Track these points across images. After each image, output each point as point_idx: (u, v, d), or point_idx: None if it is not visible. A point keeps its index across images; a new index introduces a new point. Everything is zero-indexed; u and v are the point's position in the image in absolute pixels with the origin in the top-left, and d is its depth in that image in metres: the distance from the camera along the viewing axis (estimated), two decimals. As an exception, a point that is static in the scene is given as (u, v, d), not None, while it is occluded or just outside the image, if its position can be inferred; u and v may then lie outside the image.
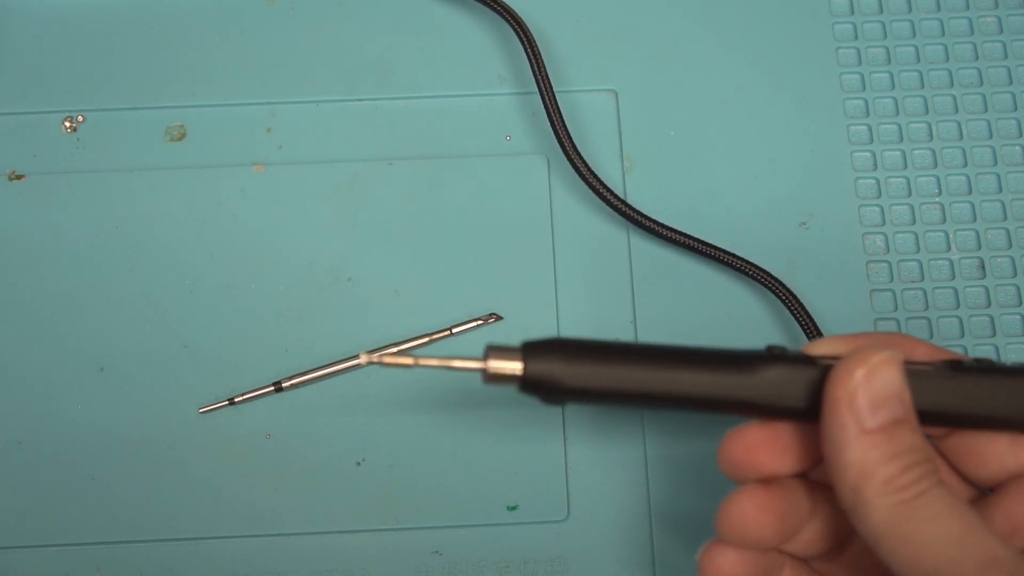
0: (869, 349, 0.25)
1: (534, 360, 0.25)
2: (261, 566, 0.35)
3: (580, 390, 0.25)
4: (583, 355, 0.25)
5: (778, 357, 0.26)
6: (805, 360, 0.26)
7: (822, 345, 0.27)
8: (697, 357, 0.26)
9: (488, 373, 0.25)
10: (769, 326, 0.37)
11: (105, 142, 0.39)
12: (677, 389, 0.25)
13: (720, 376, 0.25)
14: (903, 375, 0.25)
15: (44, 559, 0.35)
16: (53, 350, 0.37)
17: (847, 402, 0.24)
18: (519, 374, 0.25)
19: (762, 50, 0.41)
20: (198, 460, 0.36)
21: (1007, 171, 0.39)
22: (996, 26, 0.41)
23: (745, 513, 0.26)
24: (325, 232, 0.38)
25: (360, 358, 0.26)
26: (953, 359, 0.26)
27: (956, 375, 0.26)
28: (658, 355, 0.26)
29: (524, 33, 0.38)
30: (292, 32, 0.41)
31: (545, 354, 0.25)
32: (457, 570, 0.35)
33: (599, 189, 0.37)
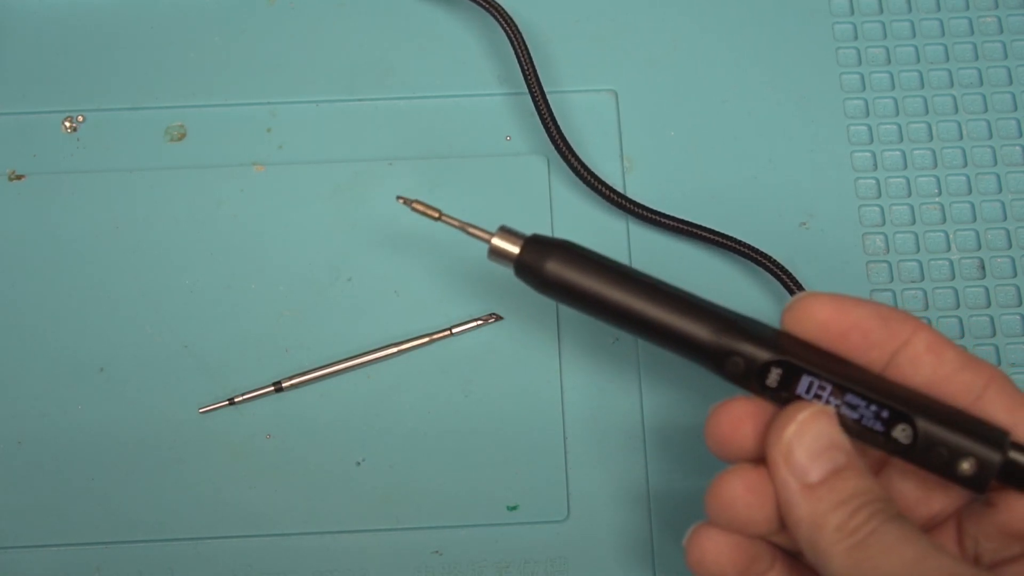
0: (796, 406, 0.26)
1: (530, 249, 0.28)
2: (261, 566, 0.35)
3: (562, 289, 0.28)
4: (575, 259, 0.28)
5: (746, 332, 0.27)
6: (769, 343, 0.27)
7: (811, 305, 0.27)
8: (677, 300, 0.27)
9: (491, 245, 0.29)
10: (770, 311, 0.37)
11: (105, 142, 0.39)
12: (642, 316, 0.27)
13: (689, 324, 0.27)
14: (835, 424, 0.25)
15: (44, 559, 0.35)
16: (53, 350, 0.37)
17: (783, 461, 0.25)
18: (514, 256, 0.28)
19: (762, 50, 0.41)
20: (198, 460, 0.36)
21: (1007, 171, 0.39)
22: (996, 26, 0.41)
23: (735, 493, 0.26)
24: (325, 232, 0.38)
25: (398, 199, 0.31)
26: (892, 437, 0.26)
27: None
28: (639, 286, 0.27)
29: (513, 32, 0.38)
30: (292, 32, 0.41)
31: (543, 247, 0.28)
32: (457, 570, 0.35)
33: (593, 183, 0.37)
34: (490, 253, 0.29)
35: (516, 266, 0.28)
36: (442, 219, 0.30)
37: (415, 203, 0.30)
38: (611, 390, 0.37)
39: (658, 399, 0.36)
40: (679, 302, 0.27)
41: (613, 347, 0.37)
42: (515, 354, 0.37)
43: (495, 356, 0.37)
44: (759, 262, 0.37)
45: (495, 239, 0.28)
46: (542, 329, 0.37)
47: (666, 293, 0.27)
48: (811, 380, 0.26)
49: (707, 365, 0.27)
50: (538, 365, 0.37)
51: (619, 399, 0.36)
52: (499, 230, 0.29)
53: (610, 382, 0.37)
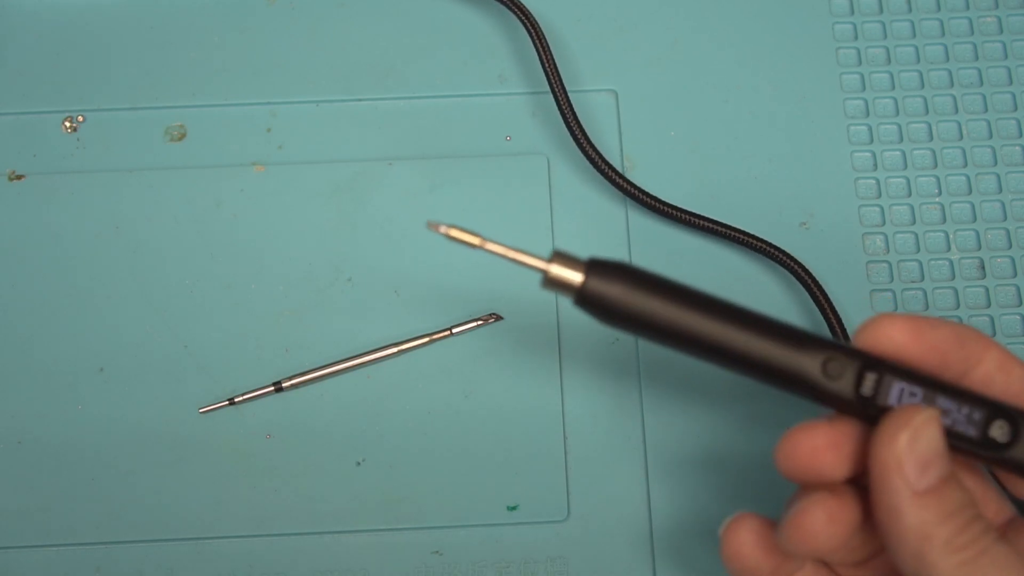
0: (905, 411, 0.25)
1: (595, 277, 0.25)
2: (261, 566, 0.35)
3: (632, 318, 0.25)
4: (644, 285, 0.25)
5: (832, 343, 0.26)
6: (864, 355, 0.26)
7: (887, 326, 0.26)
8: (754, 319, 0.26)
9: (548, 275, 0.25)
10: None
11: (105, 142, 0.39)
12: (727, 344, 0.25)
13: (773, 343, 0.25)
14: (943, 433, 0.25)
15: (44, 559, 0.35)
16: (53, 350, 0.37)
17: (896, 467, 0.24)
18: (577, 286, 0.25)
19: (762, 50, 0.41)
20: (198, 460, 0.36)
21: (1007, 171, 0.39)
22: (996, 26, 0.41)
23: (817, 524, 0.26)
24: (325, 232, 0.38)
25: (430, 226, 0.26)
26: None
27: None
28: (717, 307, 0.26)
29: (532, 26, 0.38)
30: (292, 32, 0.41)
31: (608, 274, 0.25)
32: (457, 570, 0.35)
33: (609, 174, 0.37)
34: (546, 283, 0.26)
35: (578, 296, 0.25)
36: (484, 247, 0.26)
37: (452, 229, 0.26)
38: (611, 390, 0.36)
39: (658, 399, 0.36)
40: (762, 321, 0.26)
41: (613, 347, 0.37)
42: (515, 354, 0.37)
43: (495, 356, 0.37)
44: (774, 256, 0.36)
45: (553, 267, 0.25)
46: (542, 329, 0.37)
47: (750, 314, 0.26)
48: (902, 387, 0.25)
49: (801, 379, 0.26)
50: (538, 365, 0.37)
51: (619, 399, 0.36)
52: (554, 256, 0.25)
53: (610, 382, 0.37)
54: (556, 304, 0.37)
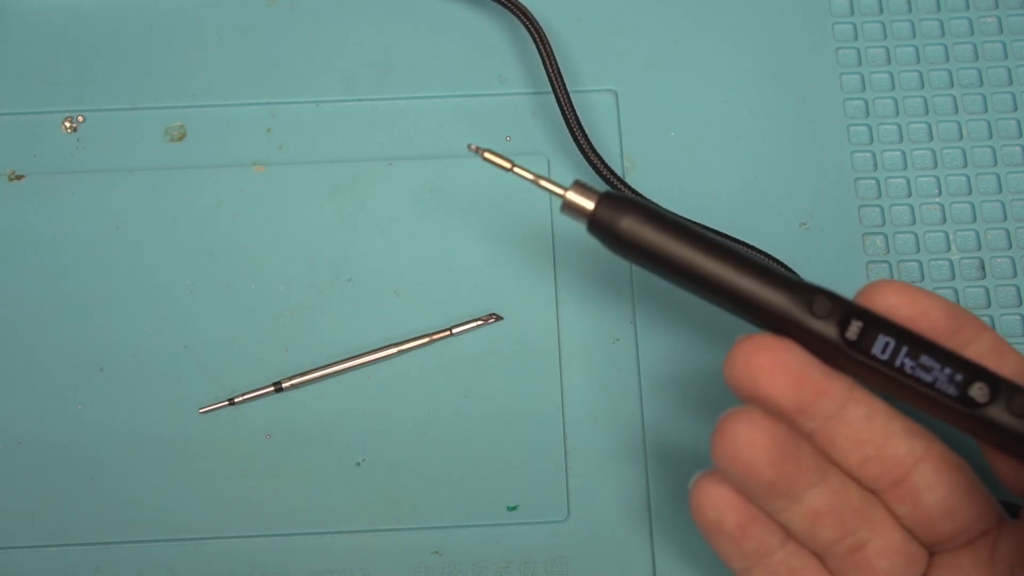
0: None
1: (605, 206, 0.28)
2: (261, 566, 0.35)
3: (634, 246, 0.28)
4: (649, 218, 0.28)
5: (822, 289, 0.27)
6: (852, 303, 0.27)
7: (884, 290, 0.27)
8: (748, 259, 0.27)
9: (565, 200, 0.28)
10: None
11: (105, 142, 0.39)
12: (722, 279, 0.27)
13: (763, 279, 0.27)
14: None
15: (44, 559, 0.35)
16: (53, 350, 0.37)
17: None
18: (589, 211, 0.28)
19: (762, 50, 0.41)
20: (198, 460, 0.36)
21: (1007, 171, 0.39)
22: (996, 26, 0.41)
23: (739, 431, 0.26)
24: (325, 232, 0.38)
25: (469, 148, 0.30)
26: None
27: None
28: (716, 247, 0.28)
29: (535, 29, 0.38)
30: (292, 32, 0.41)
31: (617, 205, 0.28)
32: (457, 570, 0.35)
33: (611, 180, 0.37)
34: (564, 207, 0.28)
35: (590, 222, 0.28)
36: (514, 170, 0.30)
37: (486, 152, 0.30)
38: (611, 390, 0.37)
39: (658, 399, 0.36)
40: (758, 267, 0.27)
41: (613, 347, 0.37)
42: (515, 354, 0.37)
43: (495, 356, 0.37)
44: None
45: (570, 193, 0.28)
46: (542, 329, 0.37)
47: (744, 257, 0.28)
48: (888, 340, 0.26)
49: (786, 317, 0.27)
50: (538, 365, 0.37)
51: (619, 399, 0.36)
52: (574, 185, 0.28)
53: (610, 382, 0.37)
54: (556, 304, 0.37)
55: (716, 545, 0.29)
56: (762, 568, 0.29)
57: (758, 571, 0.29)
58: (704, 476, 0.29)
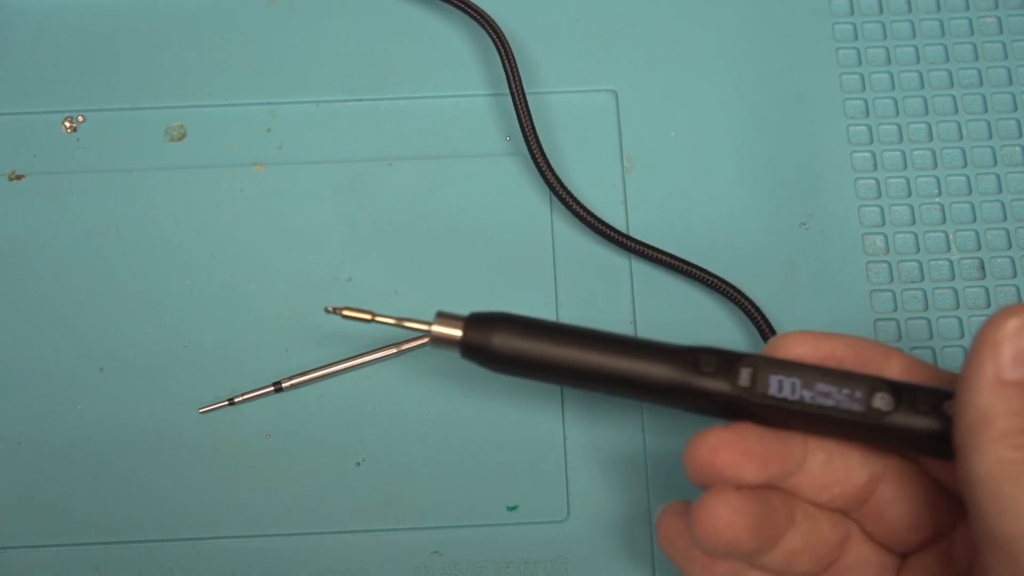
0: (1014, 309, 0.25)
1: (473, 329, 0.28)
2: (261, 566, 0.35)
3: (512, 360, 0.28)
4: (520, 329, 0.28)
5: (701, 348, 0.27)
6: (736, 353, 0.27)
7: (788, 342, 0.28)
8: (625, 342, 0.28)
9: (432, 335, 0.29)
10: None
11: (105, 142, 0.39)
12: (604, 368, 0.28)
13: (645, 357, 0.27)
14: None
15: (44, 559, 0.35)
16: (53, 350, 0.37)
17: (992, 346, 0.24)
18: (458, 339, 0.28)
19: (762, 50, 0.41)
20: (198, 460, 0.36)
21: (1007, 171, 0.39)
22: (996, 26, 0.41)
23: (717, 515, 0.26)
24: (325, 232, 0.38)
25: (326, 311, 0.30)
26: None
27: None
28: (591, 338, 0.28)
29: (500, 41, 0.38)
30: (292, 32, 0.41)
31: (485, 325, 0.28)
32: (457, 570, 0.35)
33: (559, 191, 0.37)
34: (432, 342, 0.29)
35: (463, 349, 0.28)
36: (376, 320, 0.30)
37: (344, 310, 0.30)
38: (611, 390, 0.36)
39: (658, 399, 0.36)
40: (638, 344, 0.28)
41: (613, 347, 0.37)
42: (515, 354, 0.37)
43: (495, 356, 0.37)
44: (736, 301, 0.36)
45: (435, 327, 0.29)
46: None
47: (622, 339, 0.28)
48: (780, 378, 0.27)
49: (677, 386, 0.27)
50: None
51: (619, 399, 0.36)
52: (437, 317, 0.29)
53: (610, 382, 0.37)
54: (556, 304, 0.37)
55: (687, 572, 0.29)
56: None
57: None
58: (666, 509, 0.29)
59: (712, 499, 0.26)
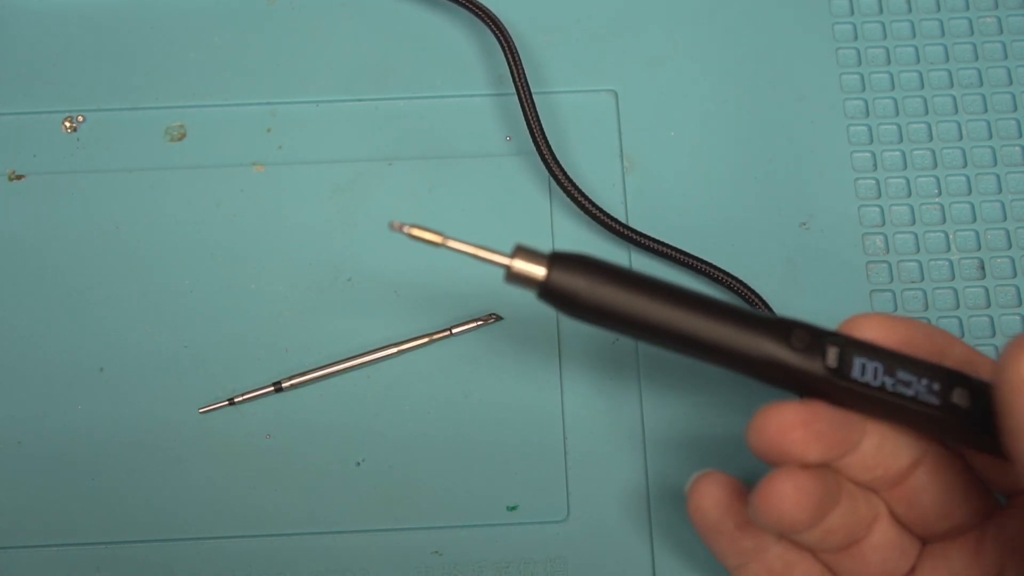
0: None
1: (559, 270, 0.26)
2: (261, 566, 0.35)
3: (595, 309, 0.26)
4: (606, 276, 0.26)
5: (794, 321, 0.26)
6: (826, 330, 0.26)
7: (865, 324, 0.27)
8: (717, 305, 0.26)
9: (511, 271, 0.26)
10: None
11: (105, 142, 0.39)
12: (694, 330, 0.26)
13: (737, 325, 0.26)
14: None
15: (44, 559, 0.35)
16: (53, 350, 0.37)
17: (1020, 383, 0.24)
18: (541, 279, 0.26)
19: (762, 50, 0.41)
20: (198, 460, 0.36)
21: (1007, 171, 0.39)
22: (996, 26, 0.41)
23: (785, 495, 0.26)
24: (325, 232, 0.38)
25: (392, 227, 0.26)
26: None
27: None
28: (681, 295, 0.26)
29: (505, 39, 0.38)
30: (292, 32, 0.41)
31: (570, 267, 0.26)
32: (457, 570, 0.35)
33: (577, 197, 0.37)
34: (508, 277, 0.26)
35: (542, 291, 0.26)
36: (447, 244, 0.27)
37: (414, 228, 0.26)
38: (611, 390, 0.37)
39: (658, 399, 0.36)
40: (729, 311, 0.26)
41: (613, 347, 0.37)
42: (515, 354, 0.37)
43: (495, 356, 0.37)
44: (738, 291, 0.37)
45: (516, 262, 0.26)
46: (542, 329, 0.37)
47: (712, 303, 0.26)
48: (864, 361, 0.26)
49: (767, 359, 0.26)
50: (538, 365, 0.37)
51: (619, 399, 0.36)
52: (517, 251, 0.26)
53: (610, 382, 0.37)
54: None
55: (714, 544, 0.29)
56: (758, 563, 0.29)
57: (754, 567, 0.29)
58: (702, 478, 0.29)
59: (781, 478, 0.26)
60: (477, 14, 0.39)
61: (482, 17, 0.39)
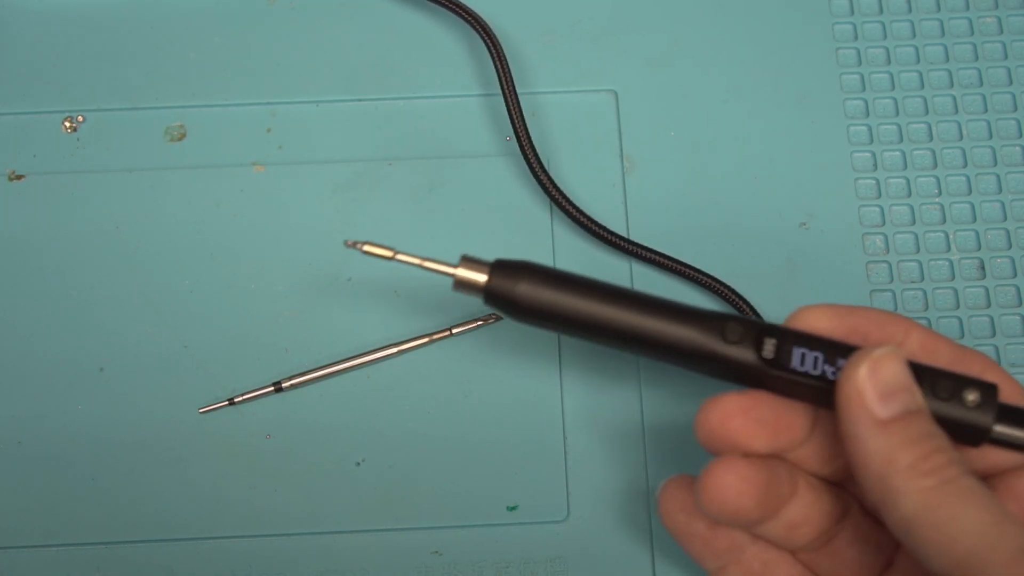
0: (870, 347, 0.25)
1: (498, 276, 0.27)
2: (261, 566, 0.35)
3: (535, 311, 0.27)
4: (546, 280, 0.27)
5: (730, 315, 0.27)
6: (763, 323, 0.27)
7: (813, 314, 0.27)
8: (654, 302, 0.27)
9: (456, 279, 0.28)
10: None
11: (105, 142, 0.39)
12: (630, 325, 0.27)
13: (673, 319, 0.27)
14: (907, 369, 0.25)
15: (44, 559, 0.35)
16: (53, 350, 0.37)
17: (857, 397, 0.25)
18: (482, 285, 0.28)
19: (762, 50, 0.41)
20: (198, 460, 0.36)
21: (1007, 171, 0.39)
22: (996, 26, 0.41)
23: (725, 484, 0.26)
24: (325, 232, 0.38)
25: (347, 244, 0.29)
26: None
27: None
28: (618, 294, 0.27)
29: (493, 44, 0.38)
30: (292, 32, 0.41)
31: (510, 272, 0.27)
32: (457, 570, 0.35)
33: (554, 194, 0.37)
34: (455, 285, 0.28)
35: (486, 295, 0.28)
36: (396, 258, 0.29)
37: (366, 245, 0.29)
38: (611, 390, 0.37)
39: (658, 399, 0.36)
40: (666, 305, 0.27)
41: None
42: (515, 354, 0.37)
43: (495, 356, 0.37)
44: (731, 300, 0.37)
45: (459, 270, 0.28)
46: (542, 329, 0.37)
47: (650, 299, 0.27)
48: (803, 352, 0.26)
49: (701, 351, 0.27)
50: (538, 365, 0.37)
51: (619, 399, 0.36)
52: (462, 261, 0.28)
53: (610, 382, 0.37)
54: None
55: (689, 547, 0.29)
56: (736, 566, 0.29)
57: (733, 569, 0.29)
58: (668, 483, 0.29)
59: (720, 467, 0.26)
60: (466, 19, 0.39)
61: (471, 22, 0.39)
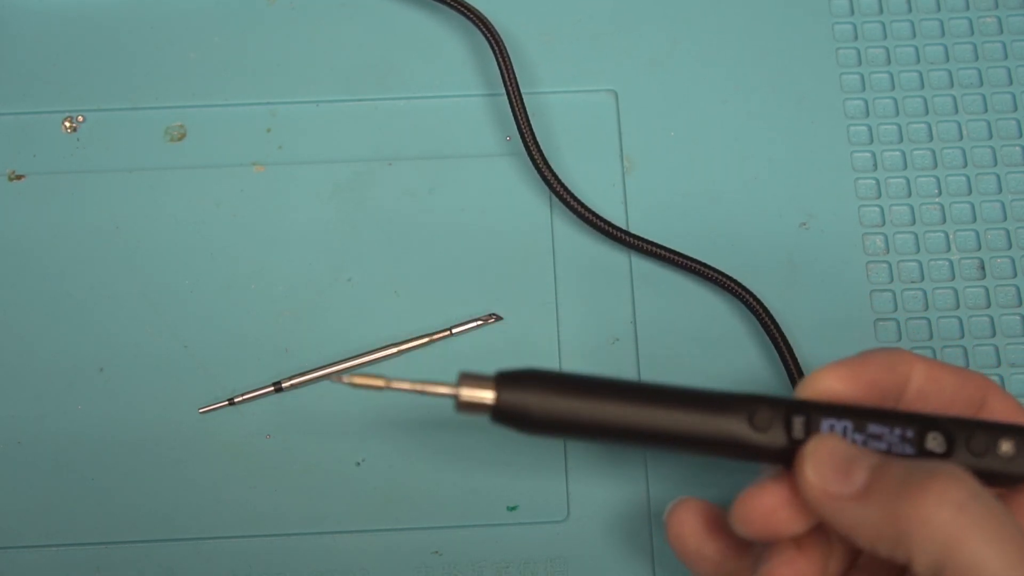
0: (802, 448, 0.25)
1: (507, 390, 0.25)
2: (261, 566, 0.35)
3: (552, 423, 0.25)
4: (558, 387, 0.25)
5: (752, 397, 0.26)
6: (788, 401, 0.26)
7: (826, 377, 0.27)
8: (672, 394, 0.26)
9: (460, 400, 0.25)
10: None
11: (105, 142, 0.39)
12: (653, 425, 0.25)
13: (695, 413, 0.25)
14: (846, 441, 0.25)
15: (44, 559, 0.35)
16: (53, 350, 0.37)
17: (822, 496, 0.25)
18: (491, 403, 0.25)
19: (762, 50, 0.41)
20: (198, 460, 0.36)
21: (1007, 171, 0.39)
22: (996, 26, 0.41)
23: (766, 506, 0.26)
24: (325, 232, 0.38)
25: (333, 380, 0.26)
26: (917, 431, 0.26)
27: None
28: (635, 391, 0.26)
29: (495, 40, 0.38)
30: (292, 32, 0.41)
31: (519, 385, 0.25)
32: (457, 570, 0.35)
33: (561, 193, 0.37)
34: (459, 408, 0.25)
35: (495, 414, 0.25)
36: (389, 387, 0.26)
37: (355, 377, 0.26)
38: (611, 390, 0.36)
39: (658, 399, 0.36)
40: (687, 397, 0.26)
41: (613, 347, 0.37)
42: (515, 354, 0.37)
43: (495, 356, 0.37)
44: (735, 292, 0.36)
45: (463, 391, 0.25)
46: (542, 329, 0.37)
47: (668, 390, 0.26)
48: (831, 423, 0.26)
49: (732, 443, 0.26)
50: (538, 365, 0.36)
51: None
52: (462, 378, 0.25)
53: (610, 382, 0.37)
54: (556, 304, 0.37)
55: (697, 569, 0.29)
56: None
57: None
58: (677, 506, 0.29)
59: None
60: (469, 17, 0.39)
61: (473, 20, 0.39)
